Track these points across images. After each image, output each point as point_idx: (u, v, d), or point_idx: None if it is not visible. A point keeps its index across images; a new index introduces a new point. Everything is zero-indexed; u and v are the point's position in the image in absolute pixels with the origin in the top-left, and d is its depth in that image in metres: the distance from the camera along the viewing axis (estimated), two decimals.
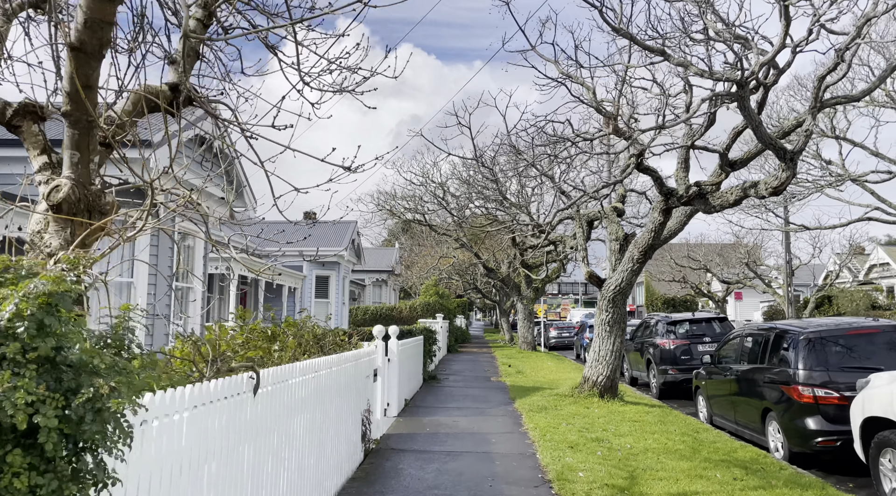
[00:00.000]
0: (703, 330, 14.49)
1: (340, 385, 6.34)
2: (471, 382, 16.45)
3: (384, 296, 42.18)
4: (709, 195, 9.45)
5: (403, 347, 11.82)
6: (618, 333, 12.21)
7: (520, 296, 27.79)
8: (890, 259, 41.90)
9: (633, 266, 11.60)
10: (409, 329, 15.87)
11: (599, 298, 12.37)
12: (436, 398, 13.15)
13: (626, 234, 12.90)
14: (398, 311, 31.41)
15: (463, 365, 22.00)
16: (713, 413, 10.61)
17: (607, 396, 12.13)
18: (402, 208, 28.40)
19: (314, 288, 26.08)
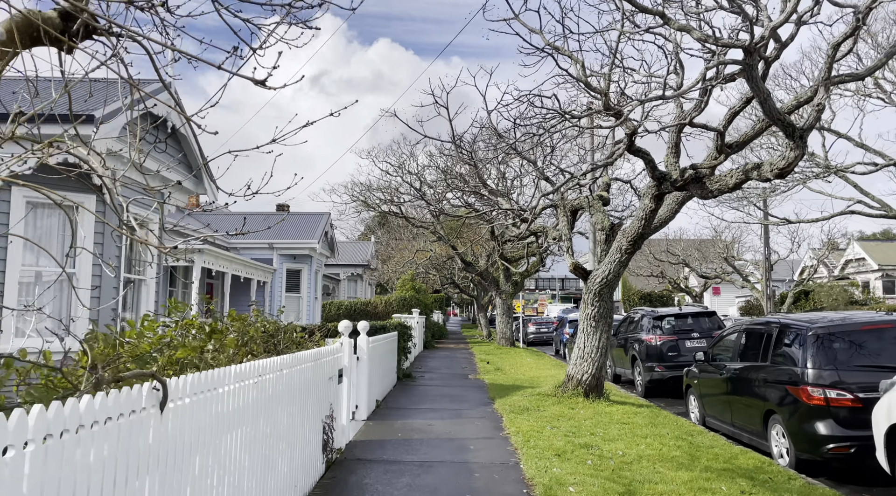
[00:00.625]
0: (690, 325, 13.84)
1: (295, 389, 5.44)
2: (447, 380, 15.61)
3: (359, 291, 41.15)
4: (706, 179, 8.70)
5: (375, 344, 10.94)
6: (604, 329, 11.46)
7: (498, 291, 27.02)
8: (866, 254, 42.06)
9: (622, 257, 10.85)
10: (382, 324, 14.98)
11: (585, 291, 11.60)
12: (410, 398, 12.28)
13: (613, 224, 12.15)
14: (373, 306, 30.45)
15: (439, 362, 21.16)
16: (706, 414, 9.91)
17: (593, 396, 11.38)
18: (377, 200, 27.41)
19: (285, 282, 25.01)
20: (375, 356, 11.10)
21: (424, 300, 31.46)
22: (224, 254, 19.73)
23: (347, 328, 8.07)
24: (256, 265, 22.99)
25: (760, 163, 7.84)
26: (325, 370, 6.73)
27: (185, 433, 3.23)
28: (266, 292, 24.60)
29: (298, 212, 28.23)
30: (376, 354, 11.21)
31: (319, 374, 6.47)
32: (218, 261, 19.45)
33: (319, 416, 6.50)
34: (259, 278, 23.50)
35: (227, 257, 20.16)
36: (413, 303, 30.24)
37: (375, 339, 11.20)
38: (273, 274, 24.79)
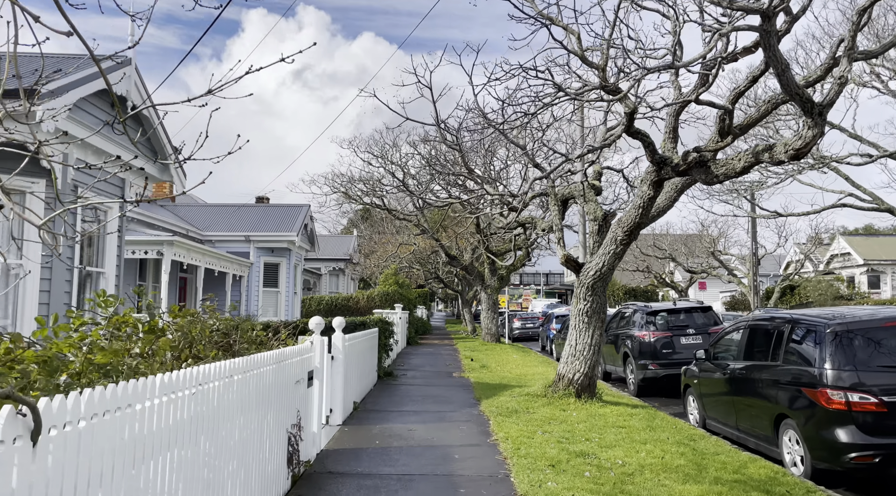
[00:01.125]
0: (685, 321, 13.22)
1: (250, 398, 4.65)
2: (431, 379, 14.87)
3: (341, 286, 40.28)
4: (711, 163, 8.01)
5: (352, 342, 10.15)
6: (597, 325, 10.78)
7: (483, 286, 26.32)
8: (851, 249, 41.98)
9: (617, 248, 10.15)
10: (362, 320, 14.21)
11: (577, 285, 10.90)
12: (391, 399, 11.52)
13: (606, 213, 11.46)
14: (355, 302, 29.62)
15: (423, 359, 20.41)
16: (707, 416, 9.27)
17: (585, 396, 10.70)
18: (358, 192, 26.55)
19: (262, 276, 24.10)
20: (353, 355, 10.32)
21: (408, 295, 30.68)
22: (196, 247, 18.79)
23: (319, 325, 7.29)
24: (232, 258, 22.07)
25: (772, 144, 7.17)
26: (290, 373, 5.94)
27: (77, 467, 2.43)
28: (242, 287, 23.68)
29: (277, 203, 27.30)
30: (354, 353, 10.43)
31: (283, 378, 5.68)
32: (189, 253, 18.52)
33: (283, 426, 5.71)
34: (235, 272, 22.57)
35: (200, 250, 19.23)
36: (396, 298, 29.46)
37: (353, 337, 10.42)
38: (250, 268, 23.87)
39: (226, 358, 4.84)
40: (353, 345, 10.33)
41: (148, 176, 13.02)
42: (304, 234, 26.57)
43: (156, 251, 17.29)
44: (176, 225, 21.84)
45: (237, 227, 24.54)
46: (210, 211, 26.01)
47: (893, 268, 40.87)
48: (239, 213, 25.81)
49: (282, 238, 23.91)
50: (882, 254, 41.28)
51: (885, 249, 41.98)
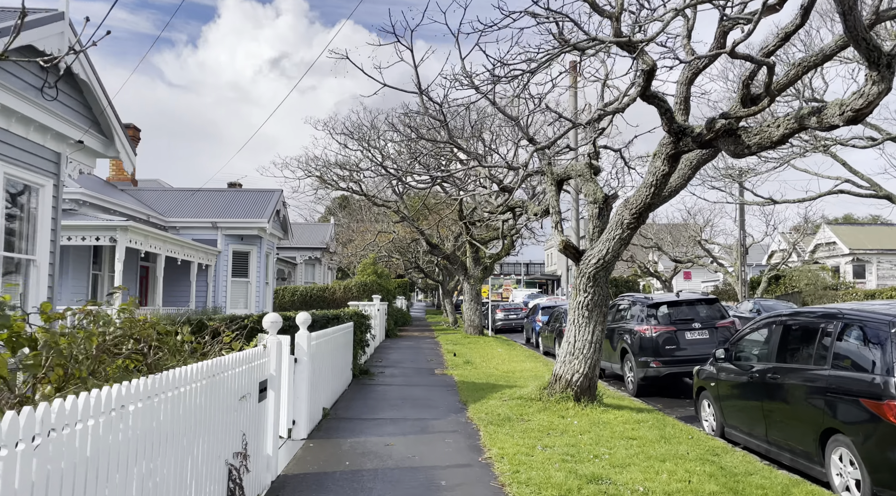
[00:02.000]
0: (690, 314, 12.09)
1: (160, 431, 3.34)
2: (411, 377, 13.61)
3: (318, 276, 38.79)
4: (741, 131, 6.81)
5: (321, 341, 8.83)
6: (598, 320, 9.59)
7: (466, 276, 25.09)
8: (837, 238, 41.51)
9: (623, 233, 8.95)
10: (335, 314, 12.88)
11: (576, 275, 9.69)
12: (366, 403, 10.23)
13: (607, 196, 10.24)
14: (331, 292, 28.21)
15: (402, 353, 19.15)
16: (726, 423, 8.13)
17: (585, 399, 9.52)
18: (335, 176, 25.08)
19: (231, 265, 22.59)
20: (323, 354, 9.01)
21: (387, 285, 29.35)
22: (155, 233, 17.24)
23: (276, 324, 5.96)
24: (197, 246, 20.54)
25: (822, 106, 5.98)
26: (231, 388, 4.63)
27: None
28: (209, 277, 22.16)
29: (247, 188, 25.73)
30: (324, 352, 9.12)
31: (221, 396, 4.37)
32: (148, 240, 16.97)
33: (221, 457, 4.40)
34: (201, 261, 21.05)
35: (160, 236, 17.68)
36: (374, 288, 28.13)
37: (323, 334, 9.11)
38: (217, 256, 22.34)
39: (131, 376, 3.51)
40: (323, 343, 9.01)
41: (89, 151, 11.50)
42: (277, 221, 25.07)
43: (108, 237, 15.73)
44: (135, 210, 20.23)
45: (204, 212, 22.96)
46: (175, 196, 24.37)
47: (879, 257, 40.50)
48: (206, 198, 24.21)
49: (251, 225, 22.40)
50: (867, 244, 40.87)
51: (870, 238, 41.58)
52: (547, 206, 11.45)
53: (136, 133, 24.84)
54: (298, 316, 7.66)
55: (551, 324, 20.20)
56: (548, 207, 11.44)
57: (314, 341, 8.18)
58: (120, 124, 11.52)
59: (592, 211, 10.22)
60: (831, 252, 42.38)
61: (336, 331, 10.63)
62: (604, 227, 10.11)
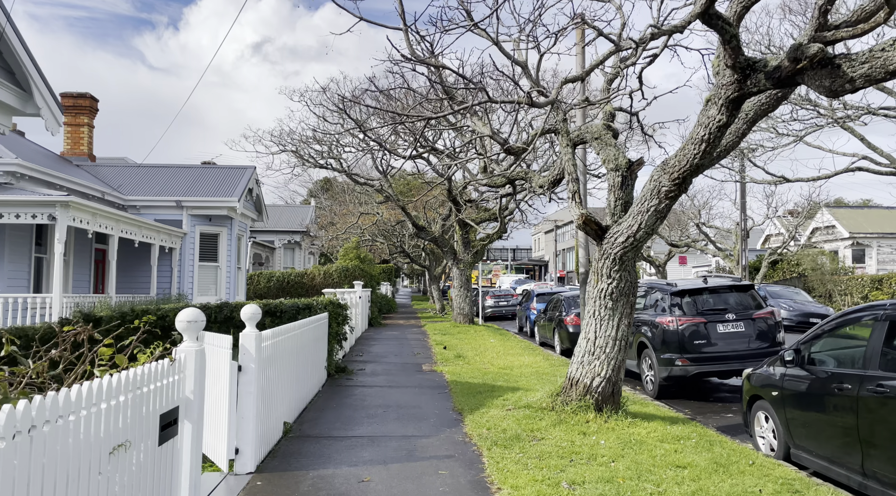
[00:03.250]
0: (721, 302, 10.37)
1: None
2: (395, 375, 11.81)
3: (297, 261, 36.79)
4: (840, 60, 5.04)
5: (280, 340, 6.98)
6: (624, 312, 7.82)
7: (455, 260, 23.26)
8: (836, 221, 40.19)
9: (660, 204, 7.16)
10: (307, 303, 11.02)
11: (598, 257, 7.90)
12: (339, 412, 8.41)
13: (631, 162, 8.44)
14: (310, 278, 26.27)
15: (386, 345, 17.33)
16: (794, 443, 6.41)
17: (607, 409, 7.77)
18: (313, 152, 23.04)
19: (197, 248, 20.57)
20: (284, 355, 7.17)
21: (370, 271, 27.46)
22: (105, 211, 15.19)
23: (194, 326, 4.09)
24: (158, 227, 18.49)
25: None
26: (99, 433, 2.77)
27: None
28: (174, 261, 20.14)
29: (216, 165, 23.62)
30: (286, 352, 7.27)
31: (77, 452, 2.50)
32: (96, 218, 14.92)
33: None
34: (163, 243, 19.01)
35: (111, 214, 15.62)
36: (356, 274, 26.24)
37: (284, 331, 7.25)
38: (183, 239, 20.30)
39: None
40: (284, 342, 7.16)
41: (2, 106, 9.46)
42: (249, 201, 23.04)
43: (46, 215, 13.68)
44: (88, 186, 18.11)
45: (167, 190, 20.88)
46: (136, 172, 22.23)
47: (879, 241, 39.26)
48: (171, 175, 22.10)
49: (220, 204, 20.37)
50: (868, 227, 39.60)
51: (870, 222, 40.33)
52: (555, 177, 9.63)
53: (94, 103, 22.63)
54: (244, 309, 5.79)
55: (549, 312, 18.50)
56: (556, 178, 9.63)
57: (268, 342, 6.31)
58: (40, 75, 9.46)
59: (614, 180, 8.40)
60: (830, 236, 41.10)
61: (304, 326, 8.77)
62: (628, 199, 8.33)
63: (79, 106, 22.20)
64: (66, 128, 22.28)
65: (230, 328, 8.21)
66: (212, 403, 5.70)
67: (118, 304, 14.26)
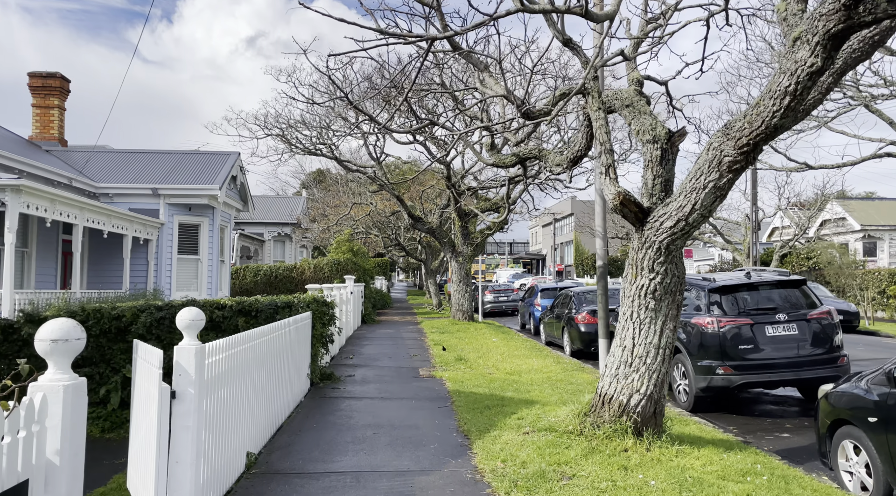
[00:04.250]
0: (768, 300, 8.90)
1: None
2: (389, 383, 10.35)
3: (287, 254, 35.24)
4: None
5: (238, 352, 5.48)
6: (670, 314, 6.36)
7: (454, 253, 21.76)
8: (847, 213, 38.82)
9: (721, 179, 5.70)
10: (287, 302, 9.55)
11: (637, 246, 6.43)
12: (319, 436, 6.93)
13: (672, 132, 6.97)
14: (299, 272, 24.73)
15: (379, 346, 15.86)
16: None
17: (649, 433, 6.32)
18: (301, 137, 21.47)
19: (176, 239, 19.02)
20: (245, 369, 5.68)
21: (363, 264, 25.95)
22: (65, 197, 13.62)
23: (67, 346, 2.57)
24: (132, 217, 16.94)
25: None
26: None
27: None
28: (150, 253, 18.58)
29: (196, 150, 22.05)
30: (247, 365, 5.79)
31: None
32: (55, 205, 13.35)
33: None
34: (137, 234, 17.46)
35: (73, 201, 14.06)
36: (349, 267, 24.73)
37: (246, 338, 5.76)
38: (160, 229, 18.75)
39: None
40: (243, 354, 5.66)
41: None
42: (233, 189, 21.48)
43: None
44: (52, 171, 16.54)
45: (143, 177, 19.30)
46: (109, 159, 20.64)
47: (892, 233, 37.93)
48: (147, 161, 20.52)
49: (200, 192, 18.80)
50: (879, 220, 38.26)
51: (882, 214, 38.99)
52: (576, 154, 8.13)
53: (65, 84, 20.99)
54: (180, 315, 4.29)
55: (556, 309, 17.03)
56: (577, 154, 8.13)
57: (219, 356, 4.82)
58: None
59: (651, 154, 6.92)
60: (840, 228, 39.74)
61: (278, 330, 7.28)
62: (669, 176, 6.86)
63: (48, 86, 20.57)
64: (34, 110, 20.66)
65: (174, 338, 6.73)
66: (139, 444, 4.21)
67: (76, 302, 12.76)
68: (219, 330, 9.61)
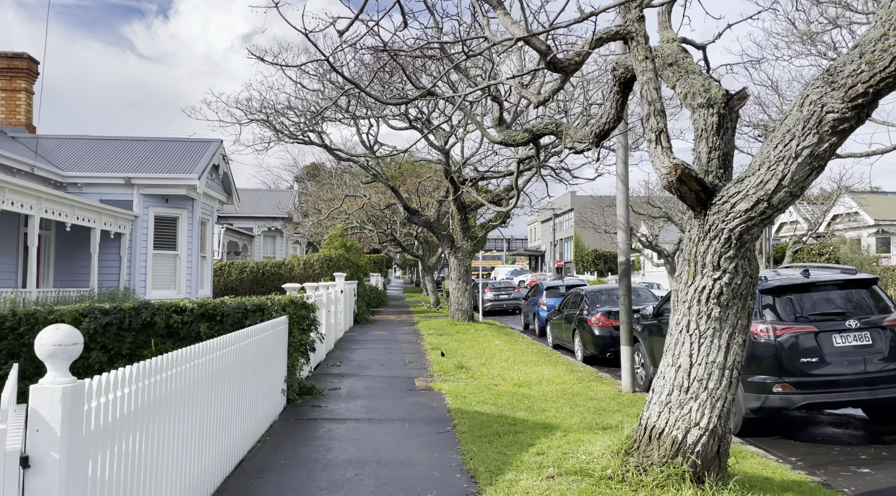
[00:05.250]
0: (833, 303, 7.44)
1: None
2: (378, 399, 8.87)
3: (278, 250, 33.73)
4: None
5: (162, 381, 3.98)
6: (739, 324, 4.90)
7: (453, 249, 20.28)
8: (860, 208, 37.45)
9: (820, 144, 4.26)
10: (259, 304, 8.09)
11: (696, 237, 4.97)
12: (284, 484, 5.44)
13: (730, 95, 5.49)
14: (288, 269, 23.22)
15: (371, 350, 14.38)
16: None
17: (711, 478, 4.86)
18: (287, 121, 19.92)
19: (152, 233, 17.50)
20: (177, 402, 4.20)
21: (356, 261, 24.46)
22: (17, 185, 12.08)
23: None
24: (99, 208, 15.41)
25: None
26: None
27: None
28: (123, 248, 17.07)
29: (174, 138, 20.49)
30: (185, 394, 4.31)
31: None
32: (4, 193, 11.81)
33: None
34: (107, 227, 15.94)
35: (27, 190, 12.53)
36: (341, 264, 23.24)
37: (181, 360, 4.27)
38: (133, 222, 17.23)
39: None
40: (171, 380, 4.17)
41: None
42: (215, 179, 19.96)
43: None
44: (11, 158, 15.00)
45: (115, 165, 17.77)
46: (80, 146, 19.10)
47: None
48: (120, 148, 19.00)
49: (178, 182, 17.28)
50: (894, 214, 36.91)
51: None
52: (602, 127, 6.65)
53: (33, 65, 19.41)
54: (40, 337, 2.79)
55: (565, 310, 15.56)
56: (604, 128, 6.66)
57: (118, 394, 3.31)
58: None
59: (706, 121, 5.45)
60: (852, 223, 38.37)
61: (236, 342, 5.79)
62: (728, 148, 5.39)
63: (14, 68, 19.00)
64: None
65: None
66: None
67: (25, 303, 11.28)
68: (177, 338, 8.13)
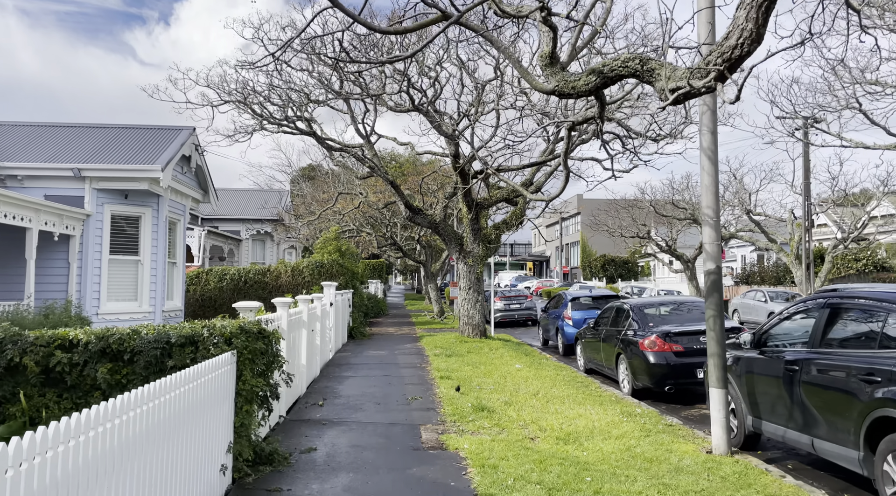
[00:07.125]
0: None
1: None
2: (370, 473, 6.12)
3: (269, 255, 30.98)
4: None
5: None
6: None
7: (462, 253, 17.52)
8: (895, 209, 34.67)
9: None
10: (188, 336, 5.34)
11: None
12: None
13: None
14: (274, 276, 20.46)
15: (365, 378, 11.59)
16: None
17: None
18: (272, 107, 17.20)
19: (107, 235, 14.74)
20: None
21: (351, 267, 21.70)
22: None
23: None
24: (38, 205, 12.67)
25: None
26: None
27: None
28: (72, 252, 14.28)
29: (135, 125, 17.75)
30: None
31: None
32: None
33: None
34: (48, 228, 13.18)
35: None
36: (334, 271, 20.48)
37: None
38: (86, 222, 14.48)
39: None
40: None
41: None
42: (187, 173, 17.22)
43: None
44: None
45: (63, 155, 15.05)
46: (24, 133, 16.38)
47: None
48: (72, 136, 16.28)
49: (138, 174, 14.53)
50: None
51: None
52: (731, 51, 3.92)
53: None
54: None
55: (603, 327, 12.75)
56: (733, 53, 3.94)
57: None
58: None
59: None
60: (886, 226, 35.60)
61: (133, 409, 3.00)
62: None
63: None
64: None
65: None
66: None
67: None
68: (62, 387, 5.39)
